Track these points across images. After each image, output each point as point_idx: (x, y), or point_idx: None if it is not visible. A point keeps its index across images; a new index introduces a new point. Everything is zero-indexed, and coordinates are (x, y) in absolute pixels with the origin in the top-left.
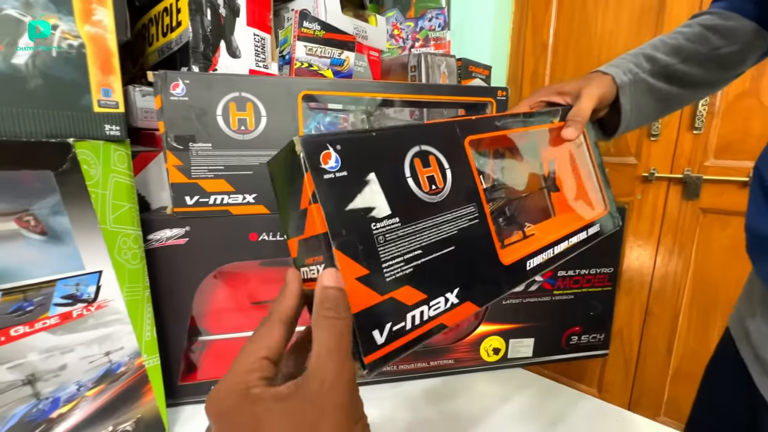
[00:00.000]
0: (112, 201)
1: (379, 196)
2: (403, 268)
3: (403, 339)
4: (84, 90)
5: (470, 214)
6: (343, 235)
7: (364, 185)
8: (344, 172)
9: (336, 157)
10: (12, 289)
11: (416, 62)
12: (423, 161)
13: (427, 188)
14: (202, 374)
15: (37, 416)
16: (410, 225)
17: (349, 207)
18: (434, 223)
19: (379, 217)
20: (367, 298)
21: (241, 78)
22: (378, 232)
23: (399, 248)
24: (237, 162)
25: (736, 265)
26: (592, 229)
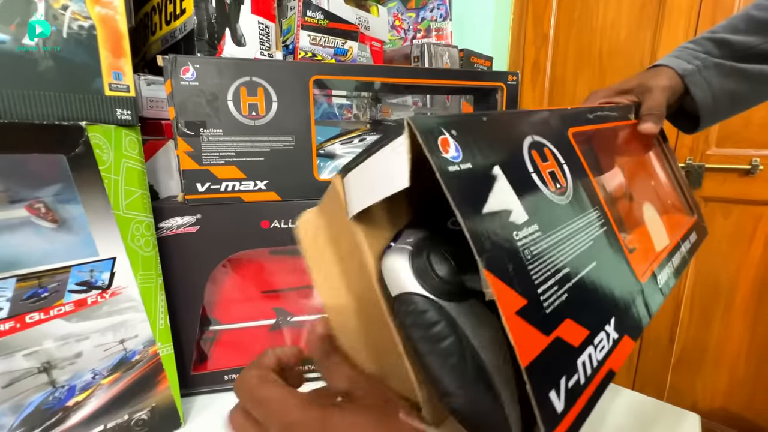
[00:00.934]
0: (125, 187)
1: (511, 196)
2: (558, 293)
3: (582, 398)
4: (95, 73)
5: (597, 220)
6: (488, 249)
7: (492, 181)
8: (468, 164)
9: (455, 145)
10: (27, 276)
11: (419, 52)
12: (540, 154)
13: (553, 187)
14: (213, 364)
15: (54, 404)
16: (551, 234)
17: (486, 210)
18: (572, 231)
19: (519, 223)
20: (535, 342)
21: (251, 62)
22: (523, 245)
23: (548, 266)
24: (248, 148)
25: (737, 253)
26: (692, 237)
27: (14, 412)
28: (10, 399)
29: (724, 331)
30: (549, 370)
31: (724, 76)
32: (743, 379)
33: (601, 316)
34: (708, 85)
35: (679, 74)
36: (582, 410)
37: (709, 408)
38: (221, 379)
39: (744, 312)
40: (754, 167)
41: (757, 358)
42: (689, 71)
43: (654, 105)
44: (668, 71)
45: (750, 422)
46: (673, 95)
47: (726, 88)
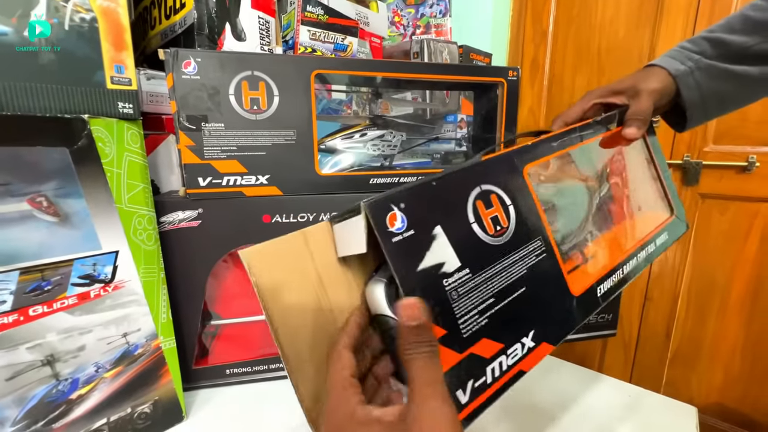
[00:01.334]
0: (127, 180)
1: (448, 249)
2: (478, 320)
3: (485, 394)
4: (97, 65)
5: (537, 249)
6: (416, 295)
7: (431, 241)
8: (411, 231)
9: (401, 216)
10: (30, 269)
11: (419, 48)
12: (485, 202)
13: (492, 231)
14: (215, 359)
15: (57, 397)
16: (480, 274)
17: (420, 267)
18: (503, 267)
19: (450, 271)
20: (449, 359)
21: (253, 56)
22: (450, 288)
23: (472, 301)
24: (250, 142)
25: (733, 248)
26: (660, 239)
27: (18, 405)
28: (14, 391)
29: (719, 326)
30: (459, 376)
31: (714, 77)
32: (738, 375)
33: (519, 331)
34: (698, 87)
35: (671, 75)
36: (485, 401)
37: (704, 402)
38: (223, 374)
39: (740, 308)
40: (751, 164)
41: (752, 353)
42: (681, 72)
43: (639, 110)
44: (661, 72)
45: (745, 416)
46: (663, 97)
47: (715, 89)
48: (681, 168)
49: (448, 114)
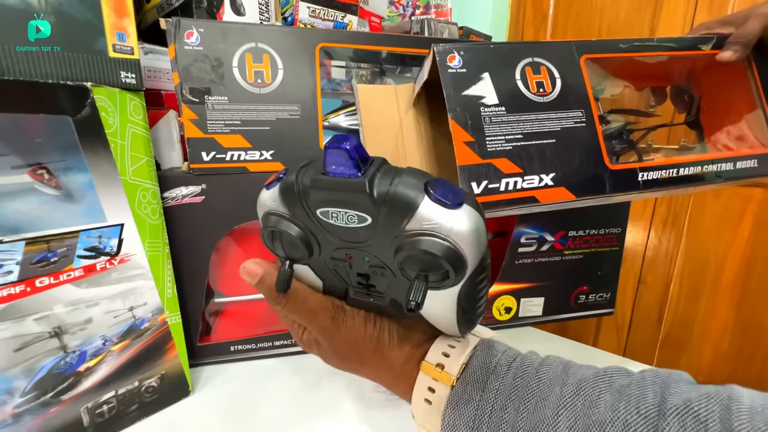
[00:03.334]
0: (131, 152)
1: (490, 89)
2: (503, 145)
3: (495, 196)
4: (98, 32)
5: (577, 117)
6: (457, 110)
7: (478, 80)
8: (464, 69)
9: (459, 59)
10: (35, 239)
11: (419, 28)
12: (534, 69)
13: (535, 90)
14: (218, 336)
15: (65, 369)
16: (513, 114)
17: (465, 92)
18: (537, 118)
19: (488, 104)
20: (470, 158)
21: (257, 28)
22: (485, 114)
23: (502, 129)
24: (254, 117)
25: (726, 232)
26: (744, 163)
27: (27, 376)
28: (23, 363)
29: (710, 308)
30: (476, 173)
31: None
32: (726, 354)
33: (540, 167)
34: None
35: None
36: (493, 202)
37: None
38: (227, 350)
39: (731, 291)
40: None
41: (741, 334)
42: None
43: (743, 33)
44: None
45: None
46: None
47: None
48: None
49: None
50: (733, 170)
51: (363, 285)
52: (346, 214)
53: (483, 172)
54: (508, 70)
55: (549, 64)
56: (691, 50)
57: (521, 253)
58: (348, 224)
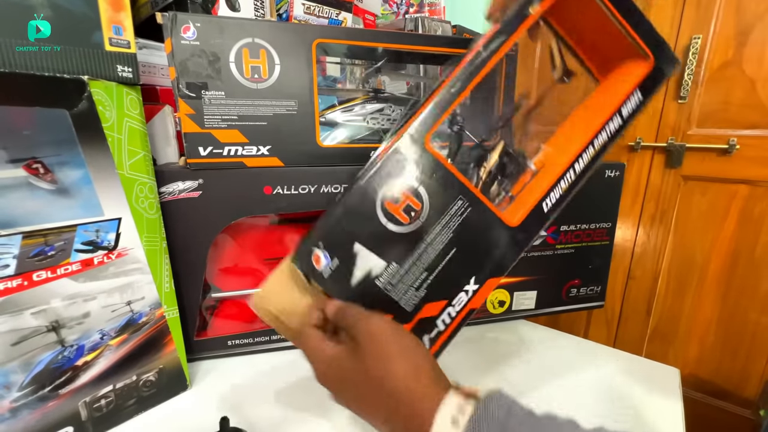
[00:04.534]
0: (128, 147)
1: (370, 257)
2: (416, 294)
3: (442, 338)
4: (95, 25)
5: (460, 209)
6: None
7: (355, 258)
8: (336, 261)
9: (323, 254)
10: (32, 233)
11: (413, 26)
12: (393, 201)
13: (407, 220)
14: (215, 331)
15: (63, 363)
16: (406, 261)
17: (353, 284)
18: (427, 244)
19: (379, 273)
20: (406, 327)
21: (254, 23)
22: (384, 284)
23: (406, 284)
24: (251, 112)
25: (712, 228)
26: (631, 103)
27: (24, 370)
28: (20, 356)
29: (696, 302)
30: (418, 334)
31: None
32: (712, 348)
33: (459, 283)
34: None
35: None
36: (441, 344)
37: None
38: (225, 345)
39: (716, 285)
40: (731, 146)
41: (725, 328)
42: None
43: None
44: None
45: (718, 386)
46: None
47: None
48: (665, 150)
49: None
50: (622, 122)
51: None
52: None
53: (418, 331)
54: (372, 221)
55: (404, 184)
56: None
57: None
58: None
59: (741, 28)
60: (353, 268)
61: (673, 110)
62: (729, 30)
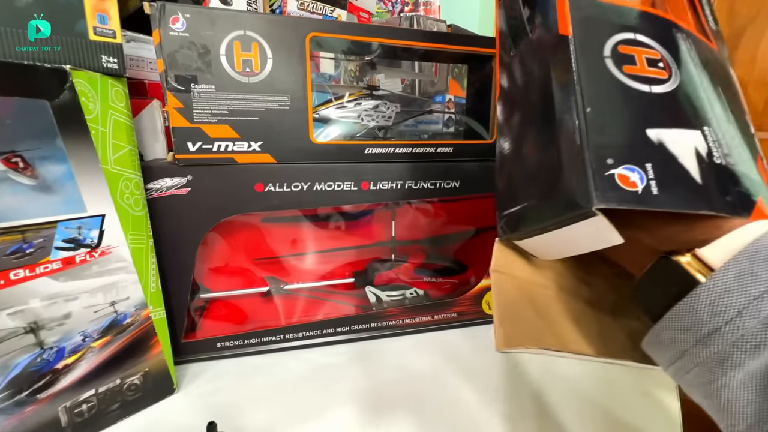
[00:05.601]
0: (113, 140)
1: (679, 134)
2: (745, 154)
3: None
4: (78, 13)
5: (688, 45)
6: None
7: (665, 148)
8: (650, 166)
9: (629, 169)
10: (9, 229)
11: (408, 25)
12: (630, 62)
13: (663, 74)
14: (204, 332)
15: (42, 366)
16: (703, 114)
17: (696, 178)
18: (698, 87)
19: (705, 148)
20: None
21: (246, 15)
22: (720, 158)
23: (732, 145)
24: (242, 106)
25: None
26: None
27: (0, 374)
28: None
29: None
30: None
31: None
32: None
33: (748, 129)
34: None
35: None
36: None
37: None
38: (214, 347)
39: None
40: None
41: None
42: None
43: None
44: None
45: None
46: None
47: None
48: None
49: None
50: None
51: None
52: None
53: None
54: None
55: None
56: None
57: None
58: None
59: (733, 30)
60: (676, 161)
61: None
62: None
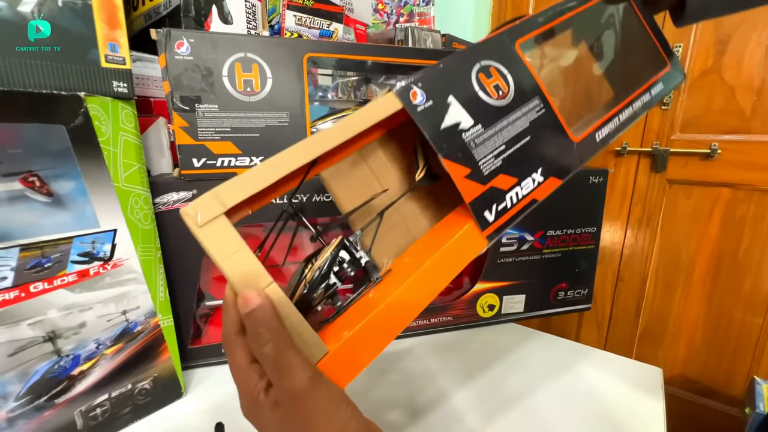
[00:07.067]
0: (123, 159)
1: (461, 111)
2: (494, 162)
3: (506, 215)
4: (91, 43)
5: (536, 107)
6: (444, 147)
7: (447, 107)
8: (430, 102)
9: (420, 92)
10: (29, 245)
11: (403, 36)
12: (485, 74)
13: (495, 95)
14: (209, 338)
15: (59, 373)
16: (490, 128)
17: (442, 126)
18: (509, 122)
19: (466, 128)
20: (475, 190)
21: (246, 38)
22: (468, 140)
23: (487, 148)
24: (243, 124)
25: (696, 230)
26: (656, 89)
27: (21, 380)
28: (17, 367)
29: (684, 303)
30: (485, 202)
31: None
32: (699, 347)
33: (529, 168)
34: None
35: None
36: (507, 220)
37: (669, 375)
38: (219, 353)
39: (701, 286)
40: (713, 151)
41: (712, 327)
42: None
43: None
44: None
45: (705, 386)
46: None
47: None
48: (650, 155)
49: None
50: (651, 98)
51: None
52: None
53: (489, 197)
54: (466, 84)
55: (495, 63)
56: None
57: (503, 252)
58: None
59: (720, 37)
60: (444, 114)
61: (657, 116)
62: (708, 39)
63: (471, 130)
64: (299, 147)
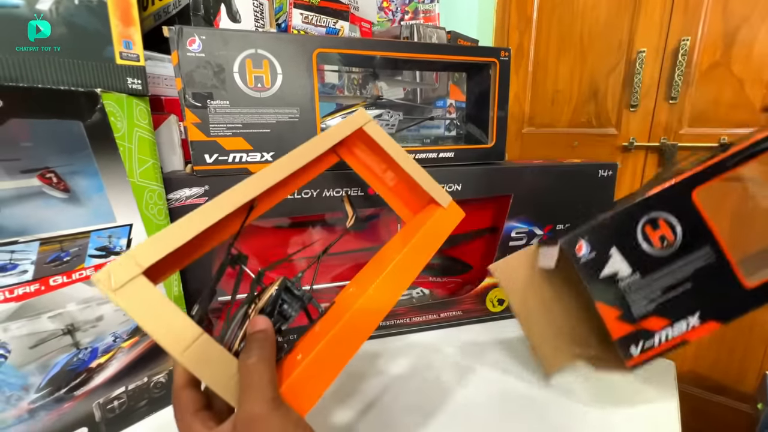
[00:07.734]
0: (138, 155)
1: (622, 262)
2: (647, 306)
3: (652, 351)
4: (106, 41)
5: (705, 255)
6: (599, 294)
7: (608, 258)
8: (593, 254)
9: (586, 245)
10: (49, 239)
11: (409, 33)
12: (653, 225)
13: (659, 245)
14: None
15: (78, 365)
16: (648, 275)
17: (602, 275)
18: (671, 269)
19: (624, 276)
20: (624, 328)
21: (256, 35)
22: (624, 286)
23: (643, 293)
24: (255, 120)
25: None
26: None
27: (41, 372)
28: (38, 359)
29: None
30: (632, 339)
31: None
32: (709, 343)
33: (685, 312)
34: None
35: None
36: (649, 358)
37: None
38: None
39: None
40: None
41: None
42: None
43: None
44: None
45: (716, 382)
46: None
47: None
48: (658, 150)
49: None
50: None
51: None
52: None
53: (636, 336)
54: (630, 236)
55: (665, 215)
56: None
57: (512, 247)
58: None
59: (728, 29)
60: (605, 265)
61: (664, 110)
62: (716, 31)
63: (628, 278)
64: (228, 194)
